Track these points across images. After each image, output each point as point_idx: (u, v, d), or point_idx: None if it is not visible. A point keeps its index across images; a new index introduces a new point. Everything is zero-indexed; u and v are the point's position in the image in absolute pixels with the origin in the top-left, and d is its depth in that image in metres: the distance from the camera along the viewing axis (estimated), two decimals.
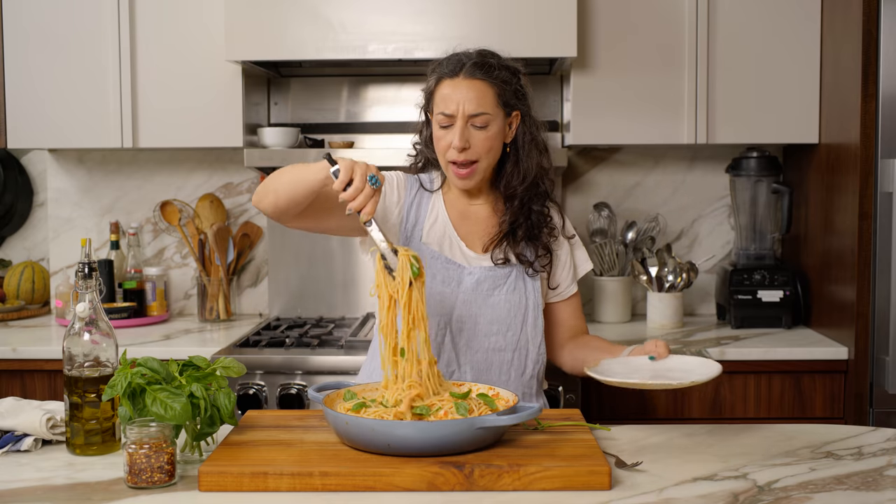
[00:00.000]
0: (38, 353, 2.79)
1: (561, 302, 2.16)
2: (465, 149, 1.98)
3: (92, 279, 1.73)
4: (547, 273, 2.11)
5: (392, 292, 1.78)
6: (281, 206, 1.91)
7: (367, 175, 1.77)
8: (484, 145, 2.00)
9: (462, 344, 2.03)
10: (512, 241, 2.06)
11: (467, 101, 1.97)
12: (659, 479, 1.54)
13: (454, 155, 1.99)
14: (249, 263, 3.40)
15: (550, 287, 2.13)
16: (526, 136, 2.06)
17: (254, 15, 2.82)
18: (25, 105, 3.03)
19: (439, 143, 2.02)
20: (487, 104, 1.99)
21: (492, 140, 2.00)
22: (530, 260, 2.06)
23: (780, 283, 3.01)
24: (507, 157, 2.07)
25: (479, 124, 1.98)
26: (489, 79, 2.00)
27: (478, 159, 2.00)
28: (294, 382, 2.63)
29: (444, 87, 2.00)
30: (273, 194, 1.91)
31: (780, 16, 2.93)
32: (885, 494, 1.48)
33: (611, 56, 2.94)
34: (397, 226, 2.08)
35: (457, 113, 1.98)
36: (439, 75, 2.02)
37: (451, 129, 1.99)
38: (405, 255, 1.78)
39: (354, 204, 1.76)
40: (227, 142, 3.01)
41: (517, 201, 2.06)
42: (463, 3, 2.81)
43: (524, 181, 2.05)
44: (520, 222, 2.06)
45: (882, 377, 2.62)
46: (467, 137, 1.98)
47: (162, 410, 1.57)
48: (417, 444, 1.53)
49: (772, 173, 3.10)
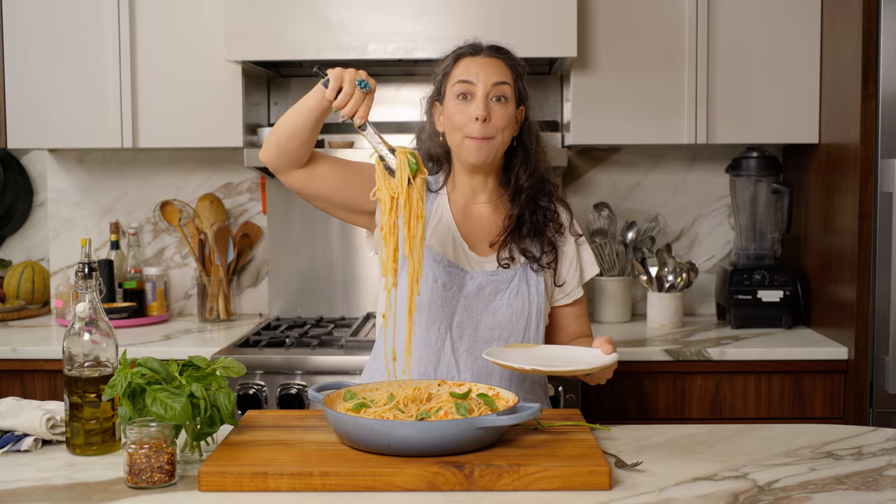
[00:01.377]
0: (38, 353, 2.79)
1: (565, 307, 2.13)
2: (486, 120, 1.98)
3: (92, 279, 1.73)
4: (553, 270, 2.08)
5: (392, 192, 1.78)
6: (283, 144, 1.92)
7: (356, 80, 1.78)
8: (502, 120, 2.00)
9: (462, 350, 2.01)
10: (517, 236, 2.05)
11: (490, 72, 2.00)
12: (659, 479, 1.54)
13: (474, 129, 1.98)
14: (249, 263, 3.40)
15: (556, 284, 2.10)
16: (532, 130, 2.08)
17: (254, 15, 2.82)
18: (25, 105, 3.03)
19: (455, 117, 2.00)
20: (508, 78, 2.02)
21: (509, 117, 2.02)
22: (536, 255, 2.05)
23: (780, 283, 3.02)
24: (515, 153, 2.08)
25: (500, 94, 2.00)
26: (507, 60, 2.04)
27: (495, 135, 2.00)
28: (294, 382, 2.64)
29: (464, 62, 2.03)
30: (274, 134, 1.92)
31: (780, 16, 2.93)
32: (885, 494, 1.48)
33: (611, 56, 2.94)
34: None
35: (479, 81, 1.99)
36: (458, 54, 2.04)
37: (470, 101, 1.99)
38: (402, 154, 1.79)
39: (346, 109, 1.78)
40: (227, 142, 3.02)
41: (525, 195, 2.06)
42: (463, 3, 2.81)
43: (532, 175, 2.07)
44: (526, 217, 2.06)
45: (882, 377, 2.62)
46: (488, 110, 1.99)
47: (162, 410, 1.57)
48: (417, 444, 1.53)
49: (772, 173, 3.10)
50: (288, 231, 3.30)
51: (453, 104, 2.01)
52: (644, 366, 2.72)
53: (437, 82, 2.08)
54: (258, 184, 3.36)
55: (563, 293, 2.12)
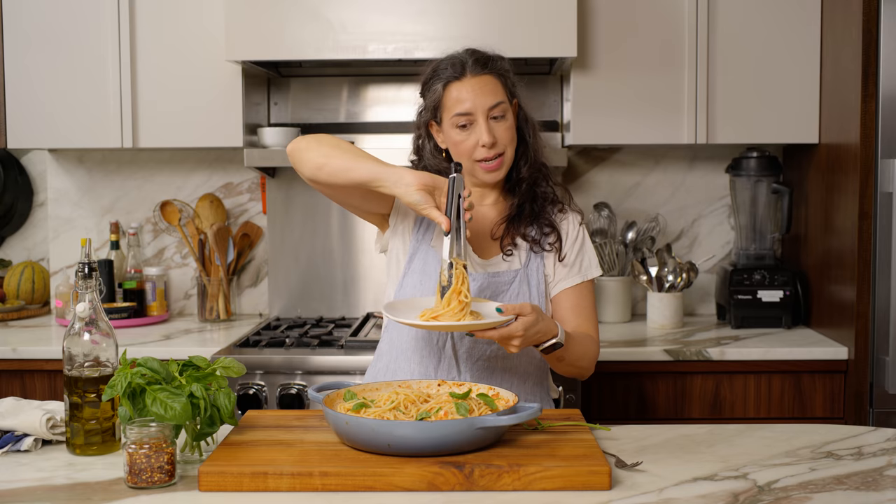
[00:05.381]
0: (38, 353, 2.79)
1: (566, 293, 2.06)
2: (494, 143, 1.99)
3: (92, 279, 1.73)
4: (557, 251, 2.06)
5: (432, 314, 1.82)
6: (322, 178, 1.92)
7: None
8: (507, 135, 2.02)
9: (462, 351, 2.01)
10: (517, 223, 2.06)
11: (483, 95, 1.99)
12: (659, 479, 1.54)
13: (484, 153, 2.00)
14: (249, 263, 3.40)
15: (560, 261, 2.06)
16: (527, 120, 2.09)
17: (254, 15, 2.82)
18: (25, 105, 3.03)
19: (461, 145, 2.01)
20: (500, 94, 2.02)
21: (512, 129, 2.03)
22: (536, 238, 2.06)
23: (780, 283, 3.01)
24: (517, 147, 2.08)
25: (498, 114, 2.00)
26: (493, 72, 2.02)
27: (504, 151, 2.02)
28: (294, 382, 2.63)
29: (453, 89, 2.00)
30: (323, 159, 1.91)
31: (780, 16, 2.93)
32: (885, 494, 1.48)
33: (611, 56, 2.94)
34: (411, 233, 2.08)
35: (475, 109, 1.98)
36: (445, 80, 2.01)
37: (472, 128, 1.99)
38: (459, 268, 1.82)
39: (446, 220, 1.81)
40: (227, 142, 3.02)
41: (525, 184, 2.08)
42: (463, 3, 2.81)
43: (532, 165, 2.08)
44: (526, 206, 2.07)
45: (882, 377, 2.62)
46: (493, 132, 1.99)
47: (162, 410, 1.57)
48: (417, 444, 1.53)
49: (772, 173, 3.10)
50: (288, 231, 3.30)
51: (455, 132, 2.01)
52: (644, 366, 2.72)
53: (430, 106, 2.05)
54: (258, 184, 3.36)
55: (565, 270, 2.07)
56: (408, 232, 2.08)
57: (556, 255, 2.07)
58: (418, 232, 2.07)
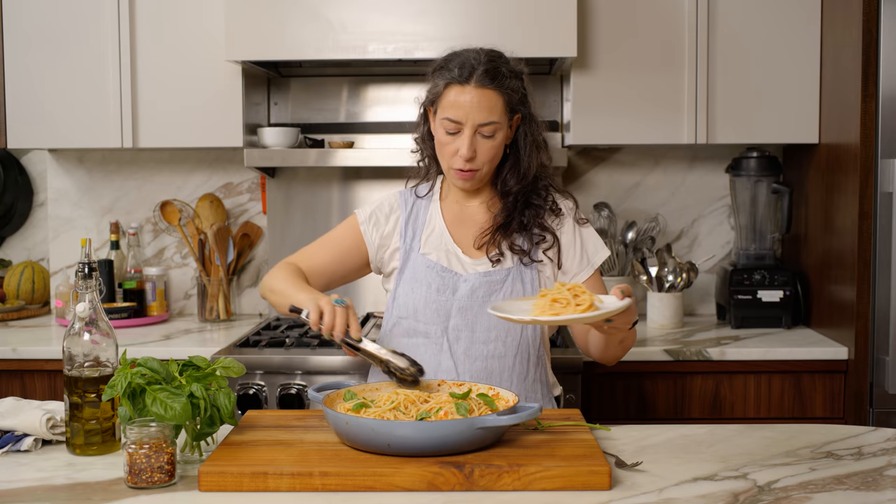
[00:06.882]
0: (38, 353, 2.79)
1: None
2: (472, 158, 1.98)
3: (92, 279, 1.73)
4: (556, 259, 2.06)
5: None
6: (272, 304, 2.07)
7: (332, 301, 1.83)
8: (489, 154, 1.99)
9: (460, 353, 2.01)
10: (504, 232, 2.04)
11: (478, 111, 1.95)
12: (659, 479, 1.54)
13: (459, 163, 1.99)
14: (249, 263, 3.40)
15: (560, 269, 2.07)
16: (526, 136, 2.05)
17: (254, 15, 2.82)
18: (25, 105, 3.03)
19: (444, 148, 2.00)
20: (496, 113, 1.97)
21: (497, 149, 2.00)
22: (524, 249, 2.04)
23: (780, 283, 3.02)
24: (507, 158, 2.06)
25: (487, 133, 1.97)
26: (499, 89, 1.96)
27: (480, 167, 2.00)
28: (294, 382, 2.63)
29: (453, 92, 1.97)
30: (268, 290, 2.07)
31: (780, 16, 2.93)
32: (885, 494, 1.48)
33: (611, 56, 2.94)
34: (399, 248, 2.08)
35: (465, 121, 1.96)
36: (448, 80, 1.97)
37: (457, 136, 1.98)
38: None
39: (337, 332, 1.81)
40: (227, 142, 3.02)
41: (512, 198, 2.06)
42: (463, 3, 2.81)
43: (520, 181, 2.05)
44: (514, 215, 2.05)
45: (882, 377, 2.62)
46: (475, 147, 1.97)
47: (162, 410, 1.57)
48: (417, 444, 1.53)
49: (772, 173, 3.10)
50: (288, 231, 3.30)
51: (442, 132, 2.00)
52: (644, 366, 2.73)
53: (428, 98, 2.04)
54: (258, 184, 3.36)
55: (575, 264, 2.07)
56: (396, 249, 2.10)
57: (554, 264, 2.06)
58: (405, 245, 2.08)
